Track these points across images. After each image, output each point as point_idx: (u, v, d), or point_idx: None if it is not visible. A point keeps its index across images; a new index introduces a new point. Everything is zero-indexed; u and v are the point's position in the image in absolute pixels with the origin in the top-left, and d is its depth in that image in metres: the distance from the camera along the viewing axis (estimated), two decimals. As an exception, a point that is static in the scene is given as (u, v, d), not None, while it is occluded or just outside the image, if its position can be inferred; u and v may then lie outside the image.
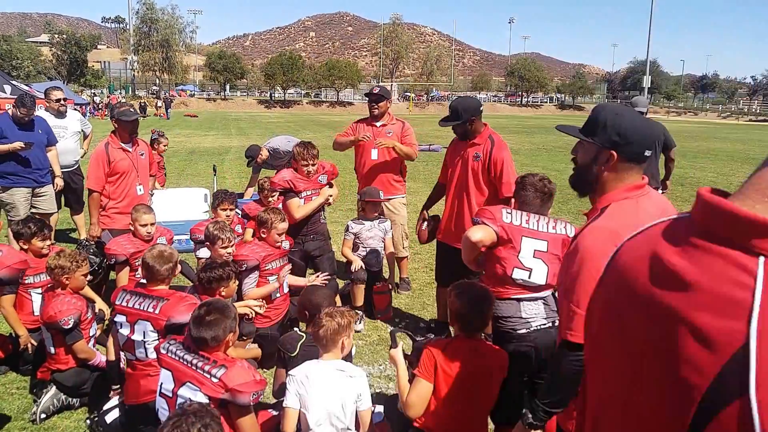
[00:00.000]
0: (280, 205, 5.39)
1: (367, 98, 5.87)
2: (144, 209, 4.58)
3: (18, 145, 6.15)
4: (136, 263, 4.42)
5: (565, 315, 1.99)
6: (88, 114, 34.52)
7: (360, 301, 5.28)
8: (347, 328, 2.85)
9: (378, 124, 5.69)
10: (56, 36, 64.52)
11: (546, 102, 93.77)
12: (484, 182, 4.43)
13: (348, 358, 3.09)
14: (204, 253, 4.61)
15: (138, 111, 5.67)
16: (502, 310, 3.17)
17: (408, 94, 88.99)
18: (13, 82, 16.09)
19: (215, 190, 5.50)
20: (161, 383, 2.79)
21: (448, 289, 3.00)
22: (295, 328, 3.44)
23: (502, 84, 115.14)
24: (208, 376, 2.59)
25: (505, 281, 3.19)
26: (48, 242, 4.53)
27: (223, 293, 3.66)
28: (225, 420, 2.50)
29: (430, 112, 70.42)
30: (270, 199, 5.61)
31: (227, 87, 76.75)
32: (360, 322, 5.23)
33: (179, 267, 3.65)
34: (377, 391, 4.13)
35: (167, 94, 48.69)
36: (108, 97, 50.25)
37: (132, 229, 4.62)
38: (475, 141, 4.47)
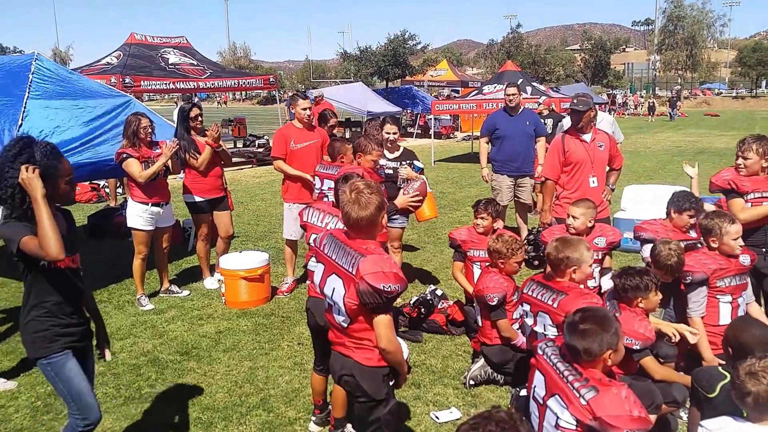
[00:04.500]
0: None
1: None
2: (583, 203, 4.38)
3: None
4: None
5: None
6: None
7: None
8: None
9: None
10: (586, 42, 69.07)
11: None
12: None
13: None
14: (647, 252, 4.14)
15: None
16: None
17: None
18: (534, 84, 17.80)
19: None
20: (534, 386, 2.60)
21: None
22: (719, 366, 2.71)
23: None
24: (577, 396, 2.28)
25: None
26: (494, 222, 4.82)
27: (641, 305, 3.25)
28: None
29: None
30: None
31: (763, 83, 67.90)
32: None
33: None
34: None
35: (673, 94, 46.25)
36: (625, 96, 51.00)
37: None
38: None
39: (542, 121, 8.13)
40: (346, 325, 2.57)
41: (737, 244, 3.64)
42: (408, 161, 5.69)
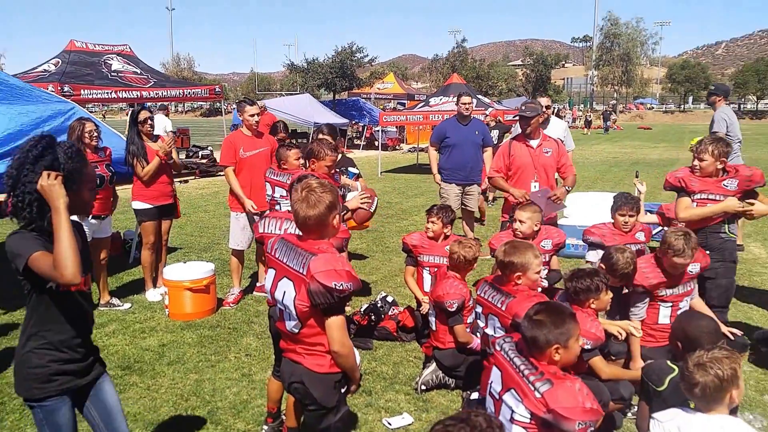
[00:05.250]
0: None
1: None
2: (529, 207, 4.48)
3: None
4: None
5: None
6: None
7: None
8: (733, 379, 2.19)
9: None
10: (527, 58, 71.29)
11: None
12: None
13: (734, 411, 2.36)
14: (593, 257, 4.25)
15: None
16: None
17: None
18: (479, 97, 18.08)
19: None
20: (491, 381, 2.59)
21: None
22: (667, 360, 2.79)
23: None
24: (532, 389, 2.29)
25: None
26: (444, 228, 4.82)
27: (593, 306, 3.30)
28: None
29: None
30: None
31: (690, 99, 71.52)
32: None
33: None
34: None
35: (607, 108, 48.37)
36: (563, 110, 52.73)
37: None
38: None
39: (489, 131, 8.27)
40: (297, 330, 2.49)
41: (680, 270, 3.70)
42: (343, 167, 5.71)
